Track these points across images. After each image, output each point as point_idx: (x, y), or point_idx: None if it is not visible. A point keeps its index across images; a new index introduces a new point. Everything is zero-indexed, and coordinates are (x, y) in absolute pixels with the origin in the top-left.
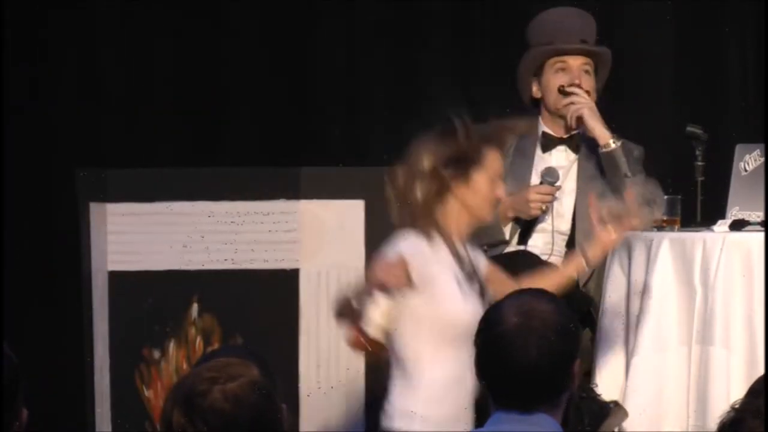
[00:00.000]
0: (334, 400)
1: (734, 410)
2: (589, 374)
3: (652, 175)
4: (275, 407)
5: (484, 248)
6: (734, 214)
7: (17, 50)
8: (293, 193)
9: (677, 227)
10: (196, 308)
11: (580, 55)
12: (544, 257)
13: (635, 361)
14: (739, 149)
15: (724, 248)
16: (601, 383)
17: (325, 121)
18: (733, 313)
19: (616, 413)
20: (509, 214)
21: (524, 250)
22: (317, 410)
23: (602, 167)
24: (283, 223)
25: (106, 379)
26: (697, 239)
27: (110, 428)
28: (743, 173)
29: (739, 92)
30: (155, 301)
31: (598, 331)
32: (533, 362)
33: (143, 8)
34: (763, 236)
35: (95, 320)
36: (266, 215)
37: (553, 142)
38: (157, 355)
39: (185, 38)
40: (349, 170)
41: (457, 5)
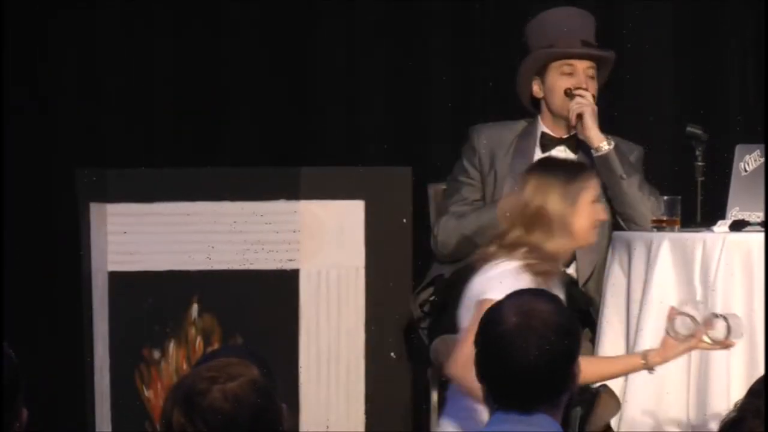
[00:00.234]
0: (334, 400)
1: (735, 410)
2: None
3: (650, 179)
4: (275, 407)
5: None
6: (734, 214)
7: (17, 50)
8: (293, 193)
9: (677, 227)
10: (196, 308)
11: (587, 59)
12: None
13: None
14: (739, 149)
15: (724, 248)
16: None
17: (325, 121)
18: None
19: (606, 402)
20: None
21: None
22: (317, 410)
23: None
24: (283, 223)
25: (106, 379)
26: (697, 239)
27: (110, 428)
28: (743, 173)
29: (739, 92)
30: (155, 301)
31: (598, 331)
32: (533, 362)
33: (143, 8)
34: (763, 236)
35: (95, 320)
36: (266, 215)
37: (552, 142)
38: (157, 355)
39: (185, 38)
40: (349, 170)
41: (457, 5)
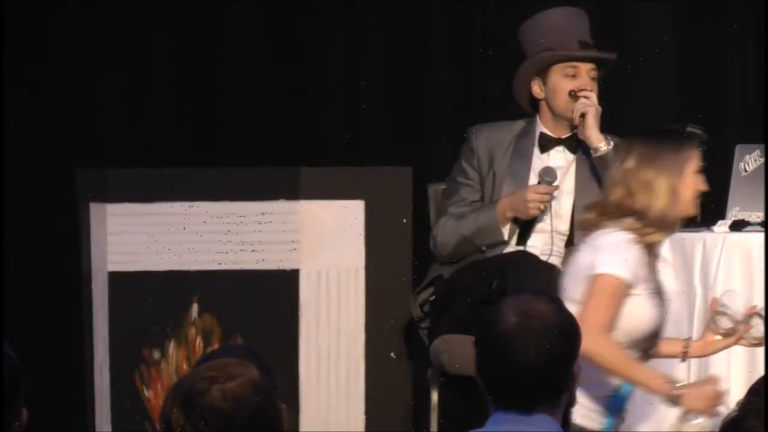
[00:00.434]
0: (334, 400)
1: (736, 409)
2: None
3: None
4: (274, 407)
5: (482, 249)
6: (734, 214)
7: (17, 50)
8: (293, 193)
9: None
10: (196, 308)
11: (591, 62)
12: (543, 257)
13: None
14: (739, 149)
15: (724, 248)
16: None
17: (325, 121)
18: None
19: None
20: (508, 214)
21: (523, 250)
22: (317, 410)
23: None
24: (283, 223)
25: (106, 379)
26: (697, 239)
27: (110, 428)
28: (743, 173)
29: (739, 92)
30: (155, 301)
31: None
32: (532, 362)
33: (143, 8)
34: (763, 237)
35: (95, 320)
36: (266, 215)
37: (551, 142)
38: (157, 355)
39: (185, 38)
40: (349, 170)
41: (457, 5)
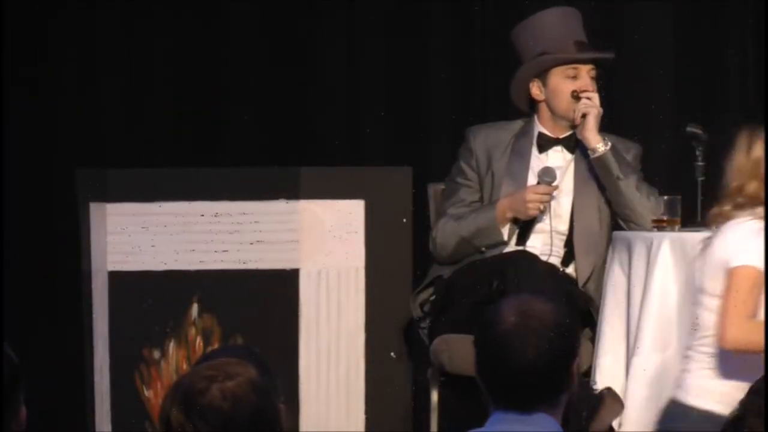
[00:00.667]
0: (334, 400)
1: (737, 408)
2: (588, 374)
3: (650, 179)
4: (273, 407)
5: (482, 250)
6: None
7: (17, 50)
8: (293, 193)
9: (677, 227)
10: (196, 308)
11: (592, 63)
12: (542, 257)
13: (635, 361)
14: None
15: None
16: (601, 383)
17: (325, 121)
18: None
19: (610, 404)
20: (507, 214)
21: (523, 250)
22: (317, 410)
23: None
24: (283, 223)
25: (106, 379)
26: (697, 239)
27: (110, 428)
28: None
29: (739, 92)
30: (155, 301)
31: (597, 331)
32: (532, 362)
33: (143, 8)
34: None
35: (95, 320)
36: (266, 215)
37: (549, 142)
38: (157, 355)
39: (185, 38)
40: (349, 170)
41: (457, 5)
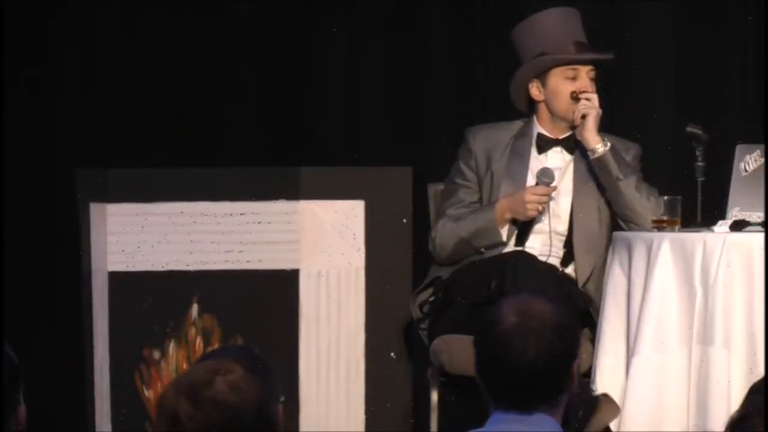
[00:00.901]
0: (334, 400)
1: (741, 408)
2: (588, 374)
3: (650, 179)
4: (273, 402)
5: (481, 250)
6: (735, 214)
7: (17, 50)
8: (293, 193)
9: (678, 228)
10: (196, 308)
11: (592, 64)
12: (542, 258)
13: (635, 361)
14: (739, 149)
15: (724, 249)
16: (601, 383)
17: (325, 121)
18: (733, 313)
19: (606, 408)
20: (506, 215)
21: (522, 251)
22: (317, 410)
23: None
24: (283, 223)
25: (106, 379)
26: (697, 240)
27: (110, 428)
28: (743, 174)
29: (739, 92)
30: (155, 301)
31: (597, 331)
32: (532, 362)
33: (143, 8)
34: (763, 237)
35: (95, 320)
36: (266, 215)
37: (548, 143)
38: (157, 355)
39: (185, 38)
40: (349, 170)
41: (457, 5)
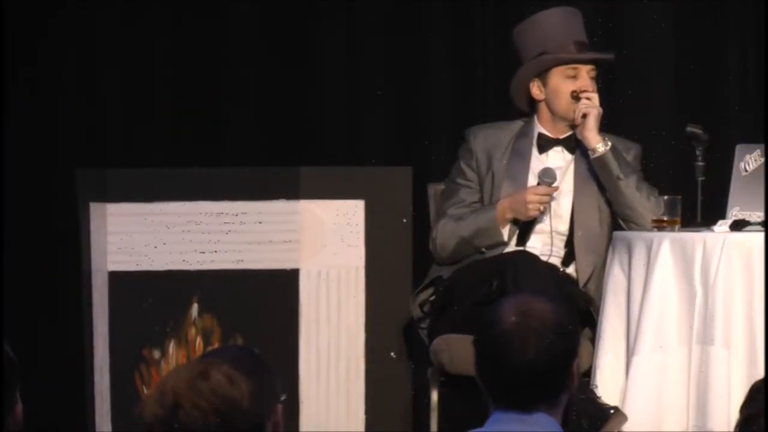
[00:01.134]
0: (334, 400)
1: (747, 408)
2: (588, 374)
3: (650, 179)
4: (273, 399)
5: (482, 250)
6: (735, 214)
7: (17, 50)
8: (293, 193)
9: (678, 227)
10: (196, 308)
11: (592, 63)
12: (543, 258)
13: (635, 361)
14: (739, 149)
15: (724, 248)
16: (601, 383)
17: (325, 121)
18: (733, 313)
19: (615, 418)
20: (507, 215)
21: (523, 250)
22: (317, 410)
23: None
24: (283, 223)
25: (106, 379)
26: (697, 239)
27: (110, 428)
28: (743, 173)
29: (739, 92)
30: (155, 301)
31: (598, 331)
32: (532, 362)
33: (143, 8)
34: (763, 237)
35: (95, 320)
36: (266, 215)
37: (549, 143)
38: (157, 355)
39: (185, 38)
40: (349, 170)
41: (457, 5)
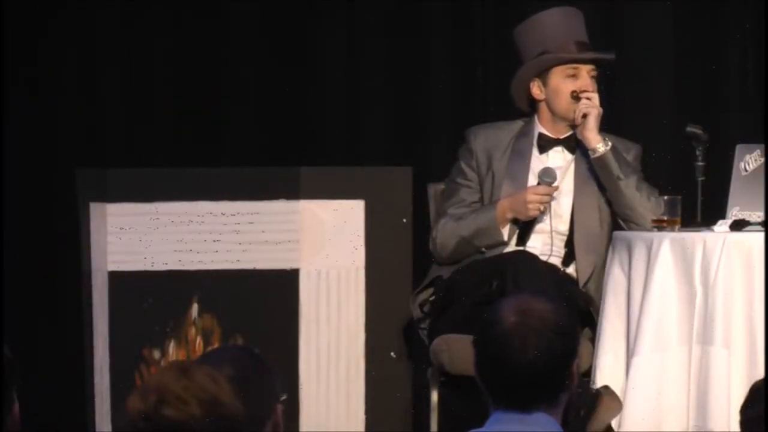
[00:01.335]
0: (334, 400)
1: (757, 405)
2: (588, 374)
3: (650, 179)
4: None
5: (482, 250)
6: (734, 214)
7: (17, 50)
8: (293, 193)
9: (678, 227)
10: (196, 308)
11: (593, 63)
12: (543, 258)
13: (635, 361)
14: (739, 149)
15: (724, 248)
16: (601, 383)
17: (325, 121)
18: (733, 313)
19: (608, 404)
20: (507, 215)
21: (523, 250)
22: (317, 410)
23: None
24: (283, 223)
25: (106, 379)
26: (697, 239)
27: (110, 428)
28: (743, 173)
29: (739, 92)
30: (155, 301)
31: (598, 331)
32: (532, 362)
33: (143, 8)
34: (763, 236)
35: (95, 320)
36: (266, 215)
37: (549, 143)
38: (157, 355)
39: (185, 38)
40: (349, 170)
41: (457, 5)
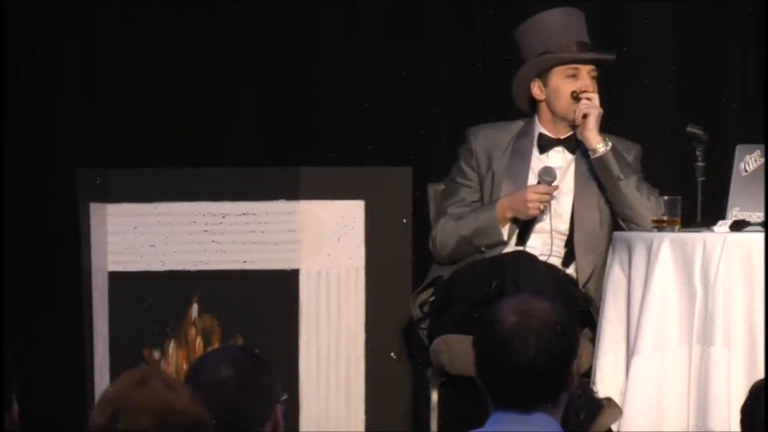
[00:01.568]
0: (334, 400)
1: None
2: (588, 374)
3: (650, 179)
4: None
5: (482, 249)
6: (734, 214)
7: (17, 49)
8: (293, 193)
9: (678, 228)
10: (196, 308)
11: (593, 63)
12: (542, 257)
13: (635, 361)
14: (739, 149)
15: (724, 249)
16: (601, 383)
17: (325, 121)
18: (733, 313)
19: (608, 411)
20: (507, 214)
21: (522, 250)
22: (317, 410)
23: None
24: (283, 223)
25: (106, 379)
26: (697, 240)
27: None
28: (743, 174)
29: (739, 92)
30: (155, 301)
31: (598, 331)
32: (531, 361)
33: (143, 8)
34: (763, 237)
35: (95, 320)
36: (266, 215)
37: (549, 143)
38: (157, 355)
39: (185, 38)
40: (349, 170)
41: (457, 5)
